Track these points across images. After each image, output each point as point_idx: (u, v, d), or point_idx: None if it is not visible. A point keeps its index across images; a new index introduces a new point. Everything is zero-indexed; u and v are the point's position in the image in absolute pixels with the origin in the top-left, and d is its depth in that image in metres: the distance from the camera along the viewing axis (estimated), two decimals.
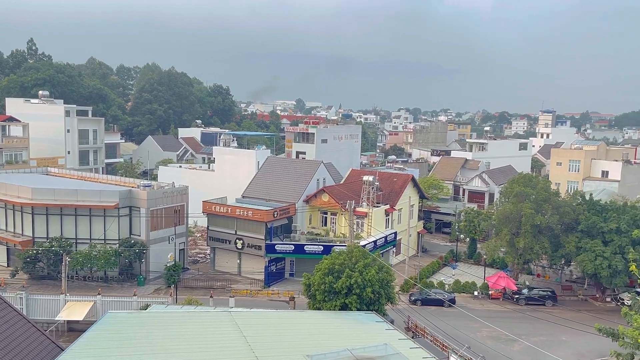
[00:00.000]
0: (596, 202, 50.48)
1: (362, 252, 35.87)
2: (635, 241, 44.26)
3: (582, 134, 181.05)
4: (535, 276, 56.14)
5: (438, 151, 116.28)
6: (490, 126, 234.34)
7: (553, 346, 38.37)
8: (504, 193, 54.82)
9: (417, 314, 40.75)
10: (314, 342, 26.46)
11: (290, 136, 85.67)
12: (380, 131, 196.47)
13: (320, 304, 34.08)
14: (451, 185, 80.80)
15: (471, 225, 60.40)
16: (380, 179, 58.21)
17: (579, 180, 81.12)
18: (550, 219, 48.92)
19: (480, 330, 40.16)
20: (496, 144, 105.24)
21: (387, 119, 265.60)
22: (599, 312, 45.99)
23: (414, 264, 55.78)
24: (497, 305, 47.81)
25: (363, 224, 52.91)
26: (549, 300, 48.25)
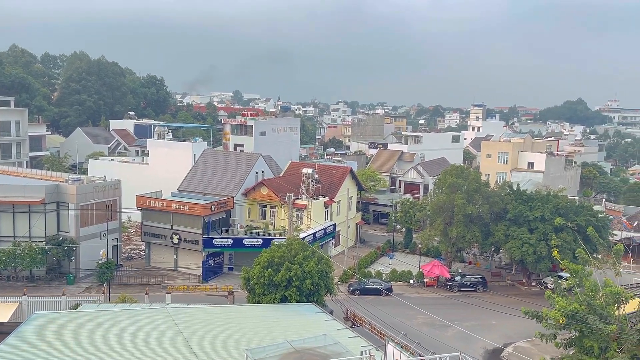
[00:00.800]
0: (522, 192, 53.15)
1: (301, 244, 35.98)
2: (557, 228, 47.03)
3: (510, 127, 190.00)
4: (467, 263, 58.50)
5: (375, 144, 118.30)
6: (425, 119, 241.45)
7: (483, 330, 40.19)
8: (437, 184, 56.61)
9: (356, 303, 41.43)
10: (253, 335, 26.32)
11: (227, 128, 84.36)
12: (319, 124, 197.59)
13: (259, 298, 33.93)
14: (388, 177, 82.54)
15: (407, 215, 61.98)
16: (319, 171, 58.50)
17: (507, 171, 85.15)
18: (481, 209, 51.02)
19: (416, 317, 41.41)
20: (430, 137, 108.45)
21: (326, 112, 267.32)
22: (525, 296, 48.57)
23: (352, 254, 56.63)
24: (432, 292, 49.46)
25: (302, 216, 53.05)
26: (480, 286, 50.42)
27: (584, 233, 43.31)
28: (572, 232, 46.93)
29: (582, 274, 31.62)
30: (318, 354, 22.43)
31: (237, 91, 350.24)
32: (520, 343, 39.13)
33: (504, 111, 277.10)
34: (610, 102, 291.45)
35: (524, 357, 35.65)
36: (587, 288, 30.64)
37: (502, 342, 38.99)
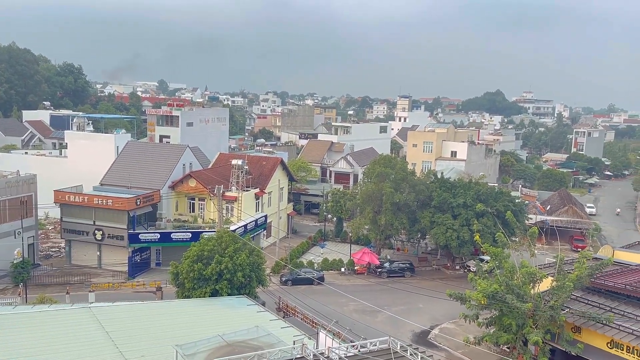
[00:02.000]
0: (446, 180, 55.32)
1: (232, 236, 35.51)
2: (479, 214, 49.36)
3: (434, 117, 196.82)
4: (395, 250, 60.21)
5: (306, 134, 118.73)
6: (354, 110, 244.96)
7: (411, 314, 41.62)
8: (366, 174, 57.72)
9: (288, 294, 41.54)
10: (184, 331, 25.71)
11: (152, 119, 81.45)
12: (249, 114, 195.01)
13: (189, 292, 33.22)
14: (319, 167, 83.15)
15: (338, 205, 62.77)
16: (249, 162, 57.89)
17: (432, 160, 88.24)
18: (408, 197, 52.61)
19: (347, 305, 42.15)
20: (359, 128, 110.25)
21: (256, 102, 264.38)
22: (450, 279, 50.76)
23: (284, 245, 56.67)
24: (362, 279, 50.52)
25: (233, 208, 52.35)
26: (408, 272, 52.10)
27: (503, 217, 45.80)
28: (492, 217, 49.45)
29: (501, 256, 33.45)
30: (250, 346, 22.28)
31: (162, 81, 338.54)
32: (445, 324, 40.88)
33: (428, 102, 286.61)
34: (526, 94, 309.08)
35: (449, 338, 37.31)
36: (506, 269, 32.47)
37: (429, 325, 40.58)
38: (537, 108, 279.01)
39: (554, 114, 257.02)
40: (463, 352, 35.82)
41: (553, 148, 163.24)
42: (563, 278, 31.47)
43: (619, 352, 29.40)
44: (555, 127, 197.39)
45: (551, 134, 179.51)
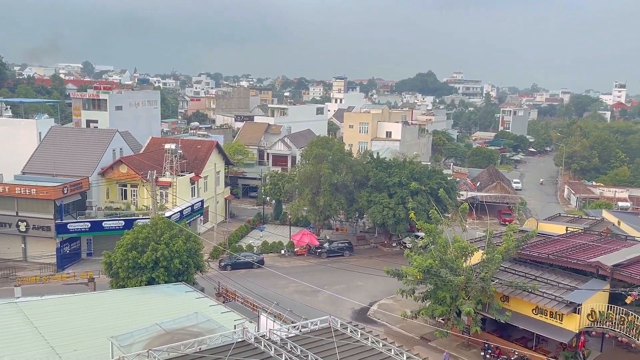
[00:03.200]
0: (382, 159, 56.38)
1: (167, 223, 34.62)
2: (413, 192, 50.78)
3: (369, 98, 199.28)
4: (334, 230, 60.97)
5: (241, 117, 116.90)
6: (290, 92, 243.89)
7: (351, 291, 42.44)
8: (304, 155, 57.77)
9: (228, 279, 41.14)
10: (119, 322, 24.89)
11: (77, 103, 77.31)
12: (181, 97, 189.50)
13: (124, 282, 32.20)
14: (256, 150, 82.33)
15: (276, 187, 62.53)
16: (183, 146, 56.37)
17: (368, 140, 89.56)
18: (345, 177, 53.21)
19: (287, 286, 42.35)
20: (296, 109, 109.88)
21: (188, 84, 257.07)
22: (387, 257, 52.09)
23: (222, 230, 55.93)
24: (303, 260, 50.87)
25: (167, 194, 50.94)
26: (347, 251, 52.97)
27: (436, 195, 47.35)
28: (425, 195, 50.99)
29: (435, 232, 34.64)
30: (190, 332, 21.93)
31: (87, 62, 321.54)
32: (384, 300, 42.02)
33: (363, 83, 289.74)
34: (456, 74, 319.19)
35: (388, 313, 38.40)
36: (440, 245, 33.70)
37: (368, 302, 41.55)
38: (467, 88, 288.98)
39: (482, 94, 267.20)
40: (401, 326, 37.03)
41: (482, 127, 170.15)
42: (492, 251, 33.07)
43: (543, 317, 31.41)
44: (484, 106, 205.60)
45: (480, 113, 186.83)
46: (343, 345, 20.29)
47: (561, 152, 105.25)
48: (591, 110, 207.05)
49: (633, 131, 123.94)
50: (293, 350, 19.25)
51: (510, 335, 34.48)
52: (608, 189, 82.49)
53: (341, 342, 20.45)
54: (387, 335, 32.32)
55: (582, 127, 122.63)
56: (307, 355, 18.82)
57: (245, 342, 19.98)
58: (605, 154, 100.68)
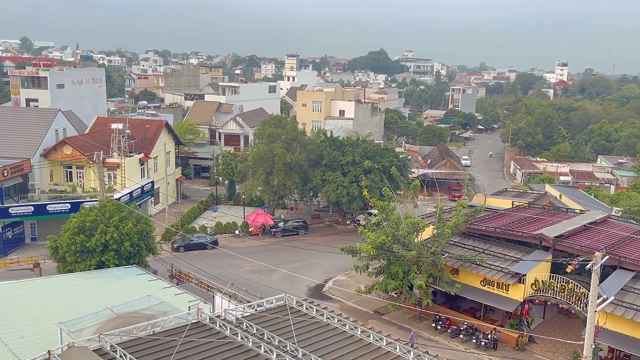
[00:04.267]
0: (335, 138, 56.57)
1: (116, 205, 33.65)
2: (366, 170, 51.36)
3: (322, 76, 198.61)
4: (289, 209, 61.01)
5: (192, 95, 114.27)
6: (241, 69, 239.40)
7: (306, 269, 42.79)
8: (257, 135, 57.18)
9: (181, 260, 40.63)
10: (68, 307, 24.22)
11: (16, 81, 73.46)
12: (128, 75, 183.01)
13: (72, 266, 31.23)
14: (207, 129, 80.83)
15: (229, 167, 61.79)
16: (131, 126, 54.64)
17: (321, 119, 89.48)
18: (299, 157, 53.13)
19: (242, 266, 42.25)
20: (248, 87, 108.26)
21: (135, 62, 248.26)
22: (341, 234, 52.70)
23: (174, 211, 54.94)
24: (257, 240, 50.77)
25: (115, 175, 49.43)
26: (302, 230, 53.20)
27: (389, 173, 48.08)
28: (378, 173, 51.67)
29: (387, 209, 35.26)
30: (142, 315, 21.59)
31: (25, 38, 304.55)
32: (338, 277, 42.62)
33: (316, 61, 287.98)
34: (407, 53, 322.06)
35: (342, 289, 39.02)
36: (392, 221, 34.35)
37: (323, 279, 42.05)
38: (418, 67, 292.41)
39: (432, 73, 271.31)
40: (355, 302, 37.72)
41: (432, 105, 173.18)
42: (442, 226, 34.02)
43: (490, 288, 32.72)
44: (434, 85, 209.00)
45: (430, 91, 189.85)
46: (299, 322, 20.49)
47: (507, 129, 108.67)
48: (535, 88, 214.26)
49: (574, 108, 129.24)
50: (249, 329, 19.30)
51: (460, 306, 35.79)
52: (551, 164, 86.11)
53: (297, 319, 20.65)
54: (342, 310, 32.89)
55: (527, 105, 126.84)
56: (263, 333, 18.91)
57: (200, 323, 19.85)
58: (548, 130, 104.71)
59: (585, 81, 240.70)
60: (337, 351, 18.88)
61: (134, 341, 18.06)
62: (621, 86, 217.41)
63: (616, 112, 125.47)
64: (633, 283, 29.56)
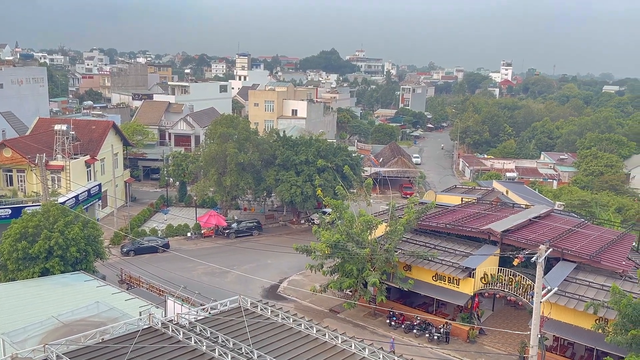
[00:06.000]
0: (289, 138, 56.45)
1: (61, 209, 32.34)
2: (320, 169, 51.52)
3: (274, 76, 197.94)
4: (242, 210, 60.43)
5: (140, 95, 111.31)
6: (191, 69, 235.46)
7: (261, 270, 42.52)
8: (208, 135, 56.34)
9: (131, 264, 39.45)
10: (11, 317, 23.09)
11: None
12: (72, 74, 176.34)
13: (14, 274, 29.83)
14: (156, 130, 78.94)
15: (180, 169, 60.62)
16: (75, 127, 52.68)
17: (274, 118, 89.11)
18: (252, 156, 52.71)
19: (195, 269, 41.52)
20: (198, 87, 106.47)
21: (79, 61, 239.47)
22: (296, 234, 52.64)
23: (123, 214, 53.36)
24: (210, 242, 50.02)
25: (60, 178, 47.53)
26: (256, 230, 52.80)
27: (342, 171, 48.41)
28: (332, 172, 51.94)
29: (341, 207, 35.49)
30: (91, 323, 20.85)
31: None
32: (293, 276, 42.56)
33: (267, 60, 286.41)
34: (358, 52, 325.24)
35: (297, 289, 38.99)
36: (346, 219, 34.62)
37: (278, 279, 41.88)
38: (369, 66, 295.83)
39: (383, 72, 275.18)
40: (310, 301, 37.78)
41: (384, 104, 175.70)
42: (395, 223, 34.56)
43: (442, 283, 33.50)
44: (385, 84, 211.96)
45: (381, 91, 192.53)
46: (254, 323, 20.31)
47: (456, 127, 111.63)
48: (482, 87, 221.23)
49: (518, 107, 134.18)
50: (202, 332, 18.96)
51: (413, 301, 36.47)
52: (497, 161, 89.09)
53: (252, 320, 20.46)
54: (298, 310, 32.87)
55: (474, 104, 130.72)
56: (217, 336, 18.63)
57: (152, 329, 19.34)
58: (494, 128, 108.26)
59: (529, 81, 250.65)
60: (292, 351, 18.83)
61: (82, 350, 17.40)
62: (561, 85, 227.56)
63: (557, 111, 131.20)
64: (575, 274, 30.95)
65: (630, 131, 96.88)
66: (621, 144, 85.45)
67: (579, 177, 73.68)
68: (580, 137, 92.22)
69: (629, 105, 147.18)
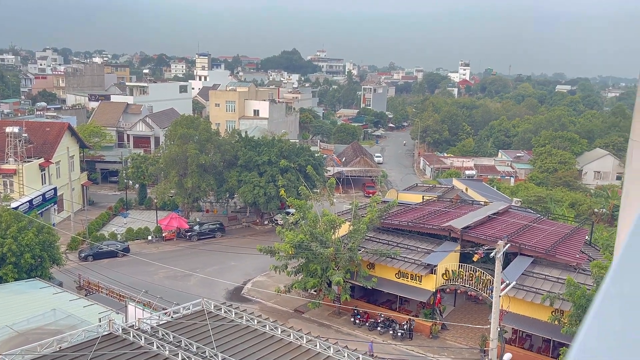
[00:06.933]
0: (251, 138, 56.09)
1: (13, 215, 31.22)
2: (283, 169, 51.40)
3: (235, 76, 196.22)
4: (204, 212, 59.66)
5: (96, 96, 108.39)
6: (150, 69, 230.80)
7: (224, 272, 42.08)
8: (168, 136, 55.38)
9: (90, 270, 38.44)
10: None
11: None
12: (24, 74, 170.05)
13: None
14: (114, 131, 77.05)
15: (139, 171, 59.36)
16: (29, 129, 50.85)
17: (235, 119, 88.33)
18: (214, 158, 52.11)
19: (157, 273, 40.74)
20: (157, 87, 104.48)
21: (31, 60, 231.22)
22: (259, 235, 52.35)
23: (81, 219, 51.82)
24: (172, 245, 49.18)
25: (12, 182, 45.78)
26: (218, 232, 52.24)
27: (305, 171, 48.43)
28: (295, 172, 51.89)
29: (305, 207, 35.54)
30: (47, 331, 20.20)
31: None
32: (257, 278, 42.31)
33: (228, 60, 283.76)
34: (319, 53, 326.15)
35: (262, 290, 38.79)
36: (310, 219, 34.69)
37: (241, 281, 41.55)
38: (330, 66, 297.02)
39: (344, 72, 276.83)
40: (275, 302, 37.65)
41: (345, 104, 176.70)
42: (358, 222, 34.84)
43: (405, 280, 33.98)
44: (346, 84, 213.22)
45: (343, 91, 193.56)
46: (217, 326, 20.10)
47: (416, 127, 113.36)
48: (441, 87, 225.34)
49: (476, 106, 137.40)
50: (165, 337, 18.64)
51: (377, 299, 36.85)
52: (457, 159, 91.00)
53: (215, 323, 20.24)
54: (262, 311, 32.68)
55: (434, 103, 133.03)
56: (180, 341, 18.35)
57: (112, 335, 18.88)
58: (454, 127, 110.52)
59: (486, 80, 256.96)
60: (257, 353, 18.74)
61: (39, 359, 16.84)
62: (517, 85, 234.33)
63: (513, 109, 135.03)
64: (532, 268, 31.95)
65: (582, 129, 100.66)
66: (574, 141, 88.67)
67: (534, 174, 76.07)
68: (535, 135, 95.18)
69: (581, 104, 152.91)
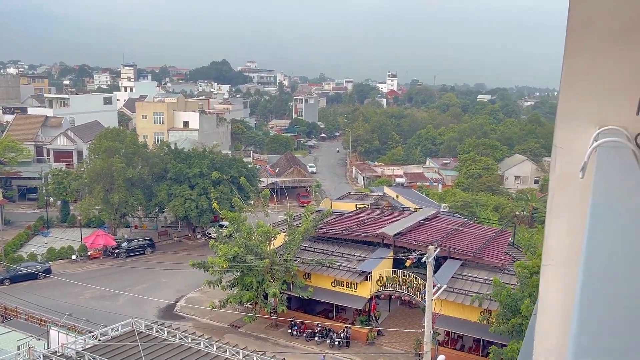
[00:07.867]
0: (181, 150, 54.72)
1: None
2: (215, 182, 50.48)
3: (163, 87, 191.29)
4: (133, 228, 57.38)
5: (12, 109, 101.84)
6: (71, 80, 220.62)
7: (155, 290, 40.56)
8: (92, 150, 53.00)
9: (7, 294, 35.86)
10: None
11: None
12: None
13: None
14: (32, 146, 72.68)
15: (61, 187, 56.22)
16: None
17: (164, 131, 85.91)
18: (142, 171, 50.36)
19: (83, 294, 38.67)
20: (79, 99, 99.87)
21: None
22: (192, 249, 50.98)
23: None
24: (98, 264, 46.84)
25: None
26: (148, 248, 50.38)
27: (238, 183, 47.78)
28: (227, 184, 51.09)
29: (238, 220, 35.02)
30: None
31: None
32: (191, 294, 41.11)
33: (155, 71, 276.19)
34: (250, 64, 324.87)
35: (195, 306, 37.69)
36: (244, 231, 34.23)
37: (174, 298, 40.22)
38: (261, 77, 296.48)
39: (275, 83, 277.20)
40: (210, 318, 36.71)
41: (277, 115, 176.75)
42: (293, 232, 34.77)
43: (341, 288, 34.21)
44: (278, 95, 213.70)
45: (275, 101, 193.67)
46: (149, 347, 19.27)
47: (348, 137, 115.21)
48: (370, 97, 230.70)
49: (404, 115, 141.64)
50: None
51: (314, 309, 36.82)
52: (387, 167, 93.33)
53: (147, 344, 19.39)
54: (196, 328, 31.75)
55: (364, 113, 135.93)
56: None
57: None
58: (383, 136, 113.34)
59: (412, 91, 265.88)
60: None
61: None
62: (442, 95, 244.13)
63: (439, 118, 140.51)
64: (461, 270, 33.13)
65: (502, 136, 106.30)
66: (495, 148, 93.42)
67: (460, 180, 79.34)
68: (460, 142, 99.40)
69: (500, 113, 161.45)
